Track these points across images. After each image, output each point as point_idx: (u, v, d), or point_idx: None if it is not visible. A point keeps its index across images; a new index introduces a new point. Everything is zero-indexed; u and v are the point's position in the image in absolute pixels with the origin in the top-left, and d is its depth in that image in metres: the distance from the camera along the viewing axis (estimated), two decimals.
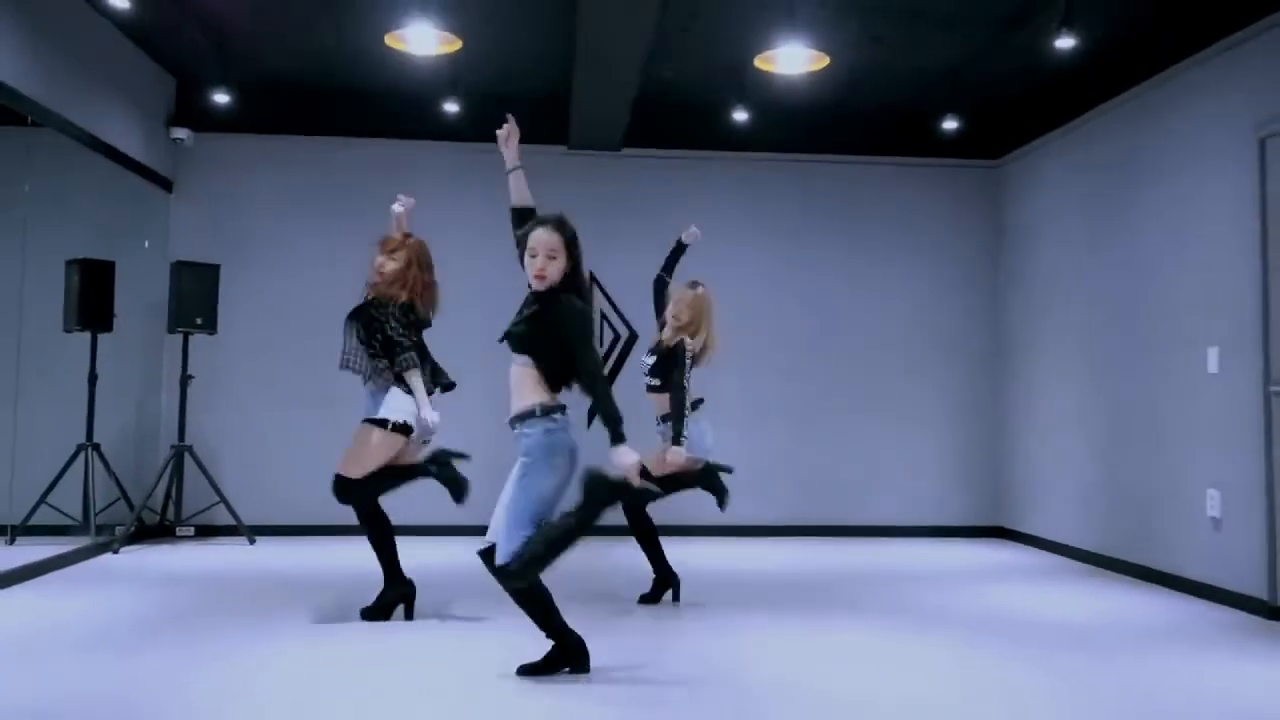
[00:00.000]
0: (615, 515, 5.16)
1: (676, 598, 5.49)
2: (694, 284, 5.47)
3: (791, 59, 5.76)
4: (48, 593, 5.63)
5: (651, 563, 5.48)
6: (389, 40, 5.66)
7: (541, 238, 3.83)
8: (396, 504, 5.01)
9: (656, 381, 5.38)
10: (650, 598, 5.44)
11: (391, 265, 4.87)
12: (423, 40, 5.56)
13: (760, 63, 5.92)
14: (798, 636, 4.80)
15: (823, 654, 4.51)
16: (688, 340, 5.30)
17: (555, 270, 3.82)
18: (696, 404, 5.35)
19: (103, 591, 5.62)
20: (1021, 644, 4.69)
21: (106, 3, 6.14)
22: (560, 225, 3.87)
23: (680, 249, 5.82)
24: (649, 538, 5.44)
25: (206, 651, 4.29)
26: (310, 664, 4.14)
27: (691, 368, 5.26)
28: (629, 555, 5.88)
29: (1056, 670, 4.25)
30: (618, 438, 3.72)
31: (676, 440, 5.18)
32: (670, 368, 5.28)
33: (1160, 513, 6.34)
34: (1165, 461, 6.29)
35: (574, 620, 4.05)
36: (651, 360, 5.45)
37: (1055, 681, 4.09)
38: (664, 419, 5.38)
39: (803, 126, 8.44)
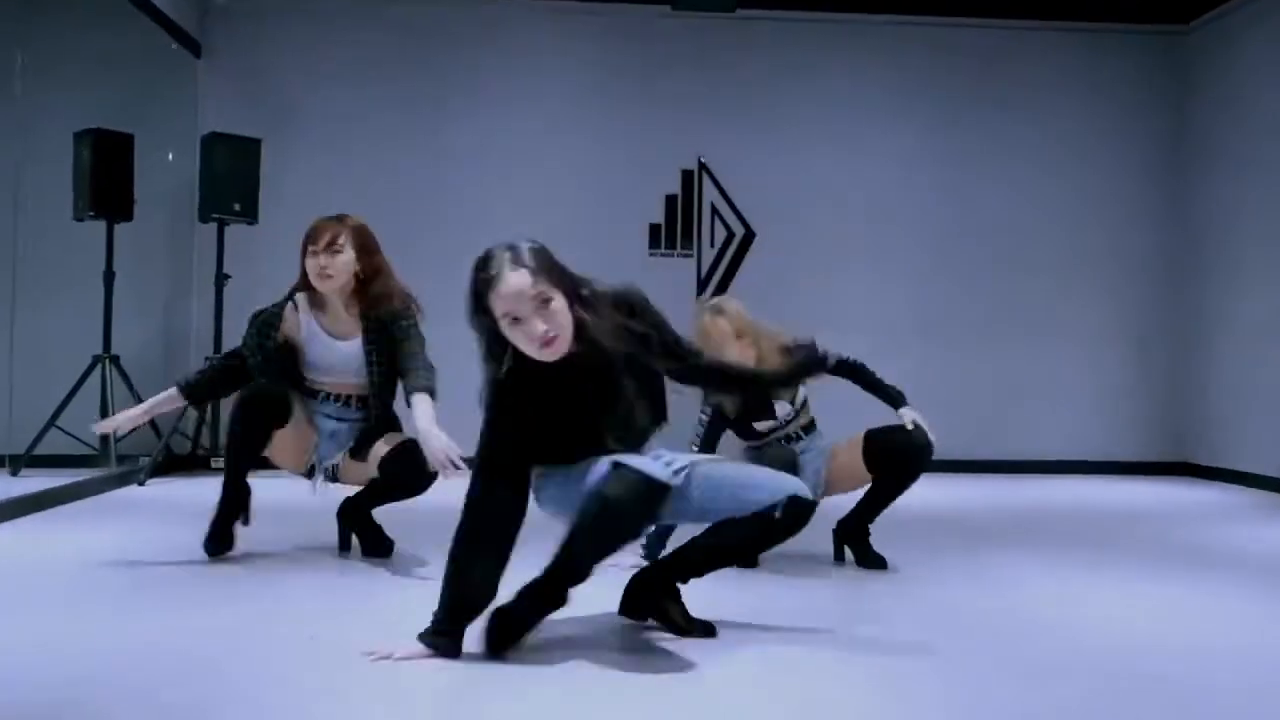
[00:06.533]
0: None
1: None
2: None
3: None
4: (68, 526, 4.59)
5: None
6: None
7: (512, 285, 2.39)
8: None
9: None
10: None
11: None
12: None
13: None
14: (1036, 577, 3.85)
15: (1083, 596, 3.56)
16: None
17: (563, 321, 2.44)
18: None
19: (128, 524, 4.61)
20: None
21: None
22: (523, 257, 2.43)
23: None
24: None
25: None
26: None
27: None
28: None
29: None
30: None
31: None
32: None
33: None
34: None
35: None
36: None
37: None
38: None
39: None
